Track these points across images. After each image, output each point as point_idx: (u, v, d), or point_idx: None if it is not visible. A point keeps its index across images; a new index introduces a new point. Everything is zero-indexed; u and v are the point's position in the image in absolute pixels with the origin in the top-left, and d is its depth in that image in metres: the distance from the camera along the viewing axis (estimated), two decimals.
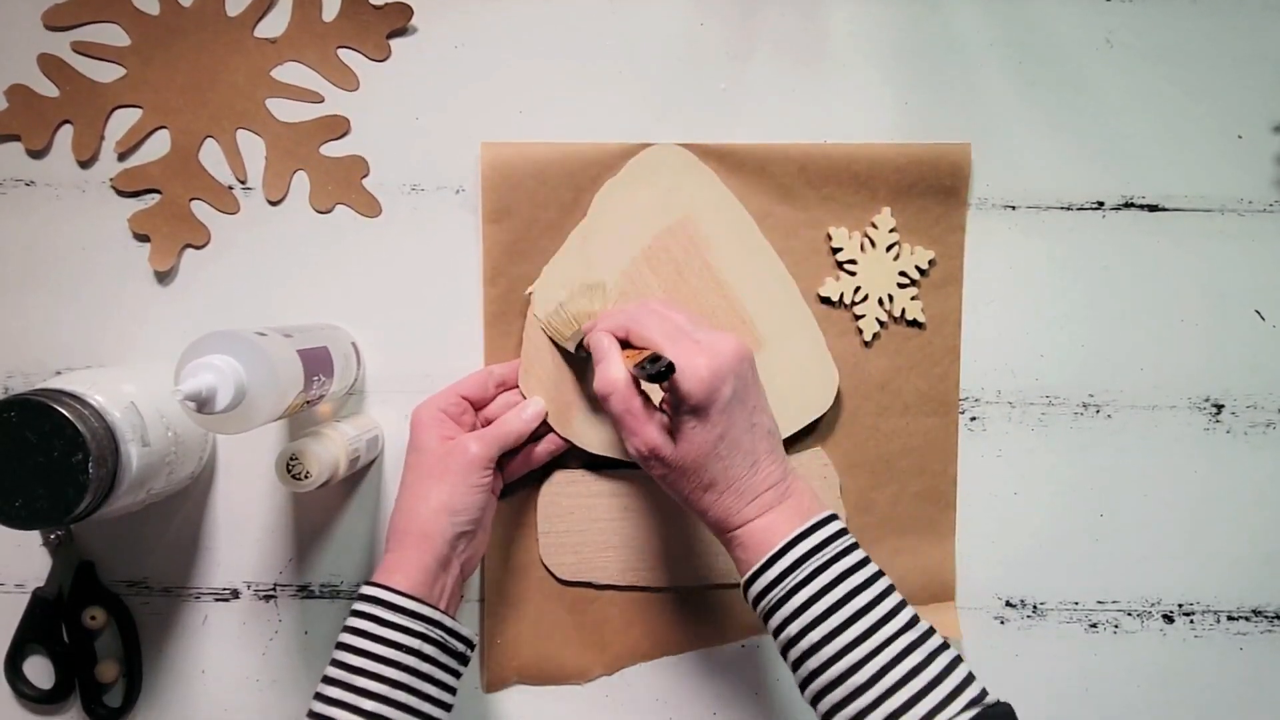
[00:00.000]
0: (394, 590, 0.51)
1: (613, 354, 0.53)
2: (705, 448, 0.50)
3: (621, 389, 0.52)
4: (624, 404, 0.52)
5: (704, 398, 0.49)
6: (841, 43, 0.64)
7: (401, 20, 0.63)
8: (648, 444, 0.51)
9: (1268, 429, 0.66)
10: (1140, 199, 0.65)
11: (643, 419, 0.51)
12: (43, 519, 0.49)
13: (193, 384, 0.46)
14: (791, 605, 0.48)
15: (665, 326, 0.52)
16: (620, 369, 0.52)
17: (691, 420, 0.50)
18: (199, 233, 0.63)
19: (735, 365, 0.50)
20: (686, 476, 0.51)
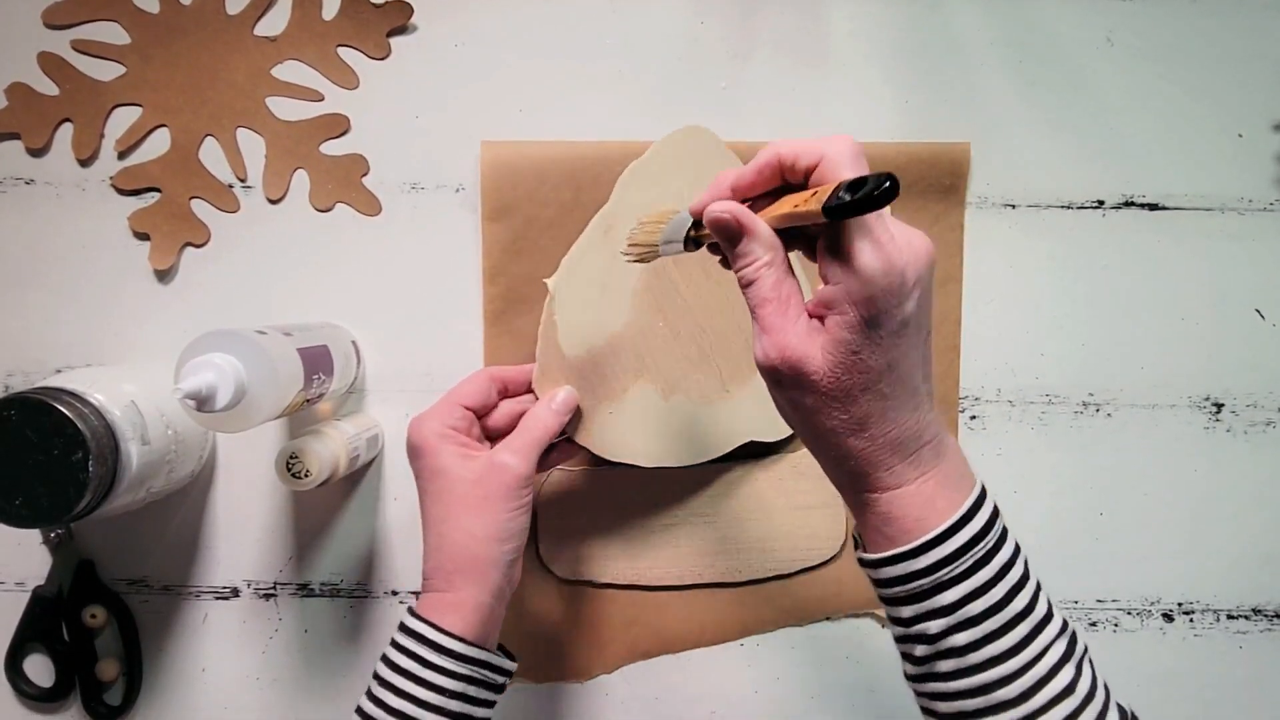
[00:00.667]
0: (447, 634, 0.49)
1: (754, 221, 0.40)
2: (868, 377, 0.38)
3: (774, 268, 0.39)
4: (771, 288, 0.39)
5: (885, 301, 0.37)
6: (841, 42, 0.64)
7: (401, 19, 0.63)
8: (788, 355, 0.38)
9: (1267, 428, 0.66)
10: (1140, 198, 0.65)
11: (791, 317, 0.39)
12: (43, 517, 0.49)
13: (193, 382, 0.46)
14: (940, 600, 0.39)
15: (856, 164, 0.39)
16: (772, 240, 0.39)
17: (857, 336, 0.37)
18: (199, 231, 0.63)
19: (926, 272, 0.38)
20: (829, 409, 0.39)
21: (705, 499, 0.64)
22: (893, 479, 0.40)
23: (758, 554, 0.64)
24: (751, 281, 0.40)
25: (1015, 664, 0.39)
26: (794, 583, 0.65)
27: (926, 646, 0.41)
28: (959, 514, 0.40)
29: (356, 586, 0.65)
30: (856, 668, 0.66)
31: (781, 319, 0.39)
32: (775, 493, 0.64)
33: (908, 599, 0.41)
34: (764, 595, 0.65)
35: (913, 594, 0.40)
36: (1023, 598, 0.40)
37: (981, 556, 0.40)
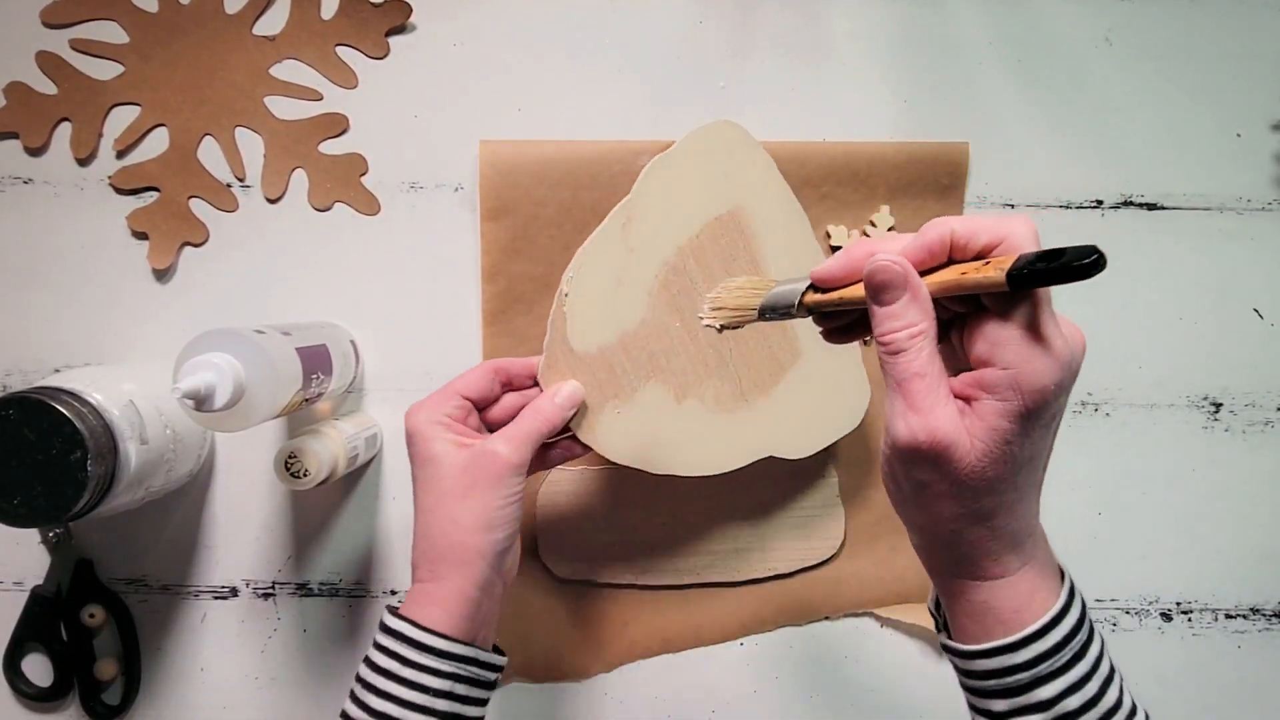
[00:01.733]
0: (428, 630, 0.46)
1: (919, 286, 0.36)
2: (1013, 466, 0.36)
3: (926, 342, 0.36)
4: (923, 364, 0.36)
5: (1051, 399, 0.35)
6: (841, 41, 0.64)
7: (400, 18, 0.63)
8: (936, 436, 0.35)
9: (1266, 427, 0.66)
10: (1139, 197, 0.65)
11: (941, 396, 0.36)
12: (41, 517, 0.49)
13: (191, 382, 0.46)
14: (1038, 695, 0.38)
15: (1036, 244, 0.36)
16: (930, 313, 0.36)
17: (1018, 422, 0.35)
18: (197, 231, 0.63)
19: (1077, 369, 0.36)
20: (963, 494, 0.36)
21: (704, 499, 0.64)
22: (998, 569, 0.39)
23: (757, 554, 0.64)
24: (902, 350, 0.36)
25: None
26: (793, 582, 0.65)
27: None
28: (1058, 608, 0.38)
29: (355, 586, 0.65)
30: (856, 667, 0.66)
31: (933, 398, 0.36)
32: (775, 493, 0.64)
33: (1002, 693, 0.39)
34: (764, 595, 0.65)
35: (1009, 689, 0.39)
36: (1113, 692, 0.39)
37: (1078, 650, 0.38)
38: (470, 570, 0.48)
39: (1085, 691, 0.38)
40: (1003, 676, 0.38)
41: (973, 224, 0.36)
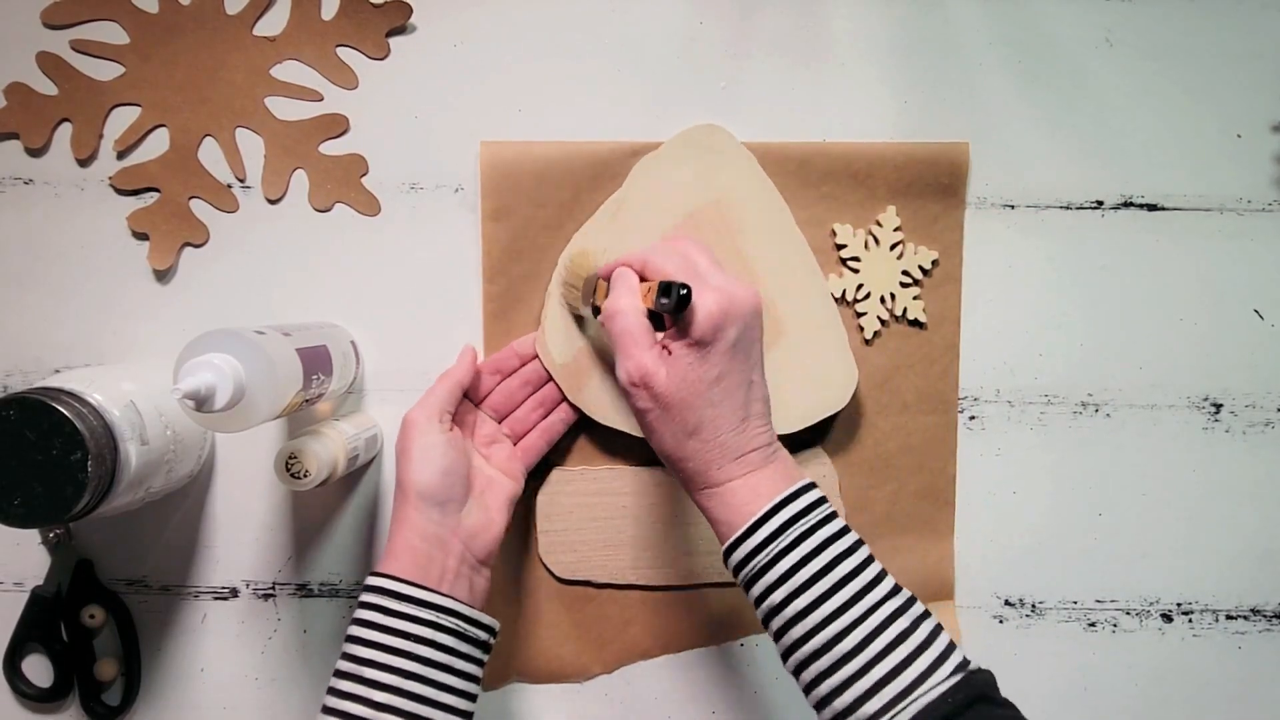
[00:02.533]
0: (394, 578, 0.50)
1: (628, 281, 0.52)
2: (699, 386, 0.49)
3: (628, 311, 0.50)
4: (626, 324, 0.50)
5: (709, 332, 0.48)
6: (840, 41, 0.64)
7: (400, 18, 0.63)
8: (641, 369, 0.49)
9: (1266, 428, 0.66)
10: (1139, 198, 0.65)
11: (642, 343, 0.50)
12: (41, 517, 0.49)
13: (191, 382, 0.46)
14: (774, 573, 0.47)
15: (682, 263, 0.51)
16: (632, 296, 0.51)
17: (690, 354, 0.49)
18: (198, 231, 0.63)
19: (746, 313, 0.49)
20: (672, 414, 0.49)
21: None
22: (722, 475, 0.49)
23: None
24: (613, 315, 0.51)
25: (848, 619, 0.46)
26: None
27: (779, 618, 0.47)
28: (780, 497, 0.48)
29: (355, 586, 0.65)
30: None
31: (634, 346, 0.50)
32: None
33: (754, 579, 0.48)
34: None
35: (754, 574, 0.48)
36: (849, 563, 0.47)
37: (806, 530, 0.47)
38: (408, 522, 0.52)
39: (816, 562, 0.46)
40: (749, 562, 0.48)
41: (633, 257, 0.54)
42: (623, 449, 0.64)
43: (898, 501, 0.65)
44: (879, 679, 0.44)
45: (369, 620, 0.50)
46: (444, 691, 0.49)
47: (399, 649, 0.49)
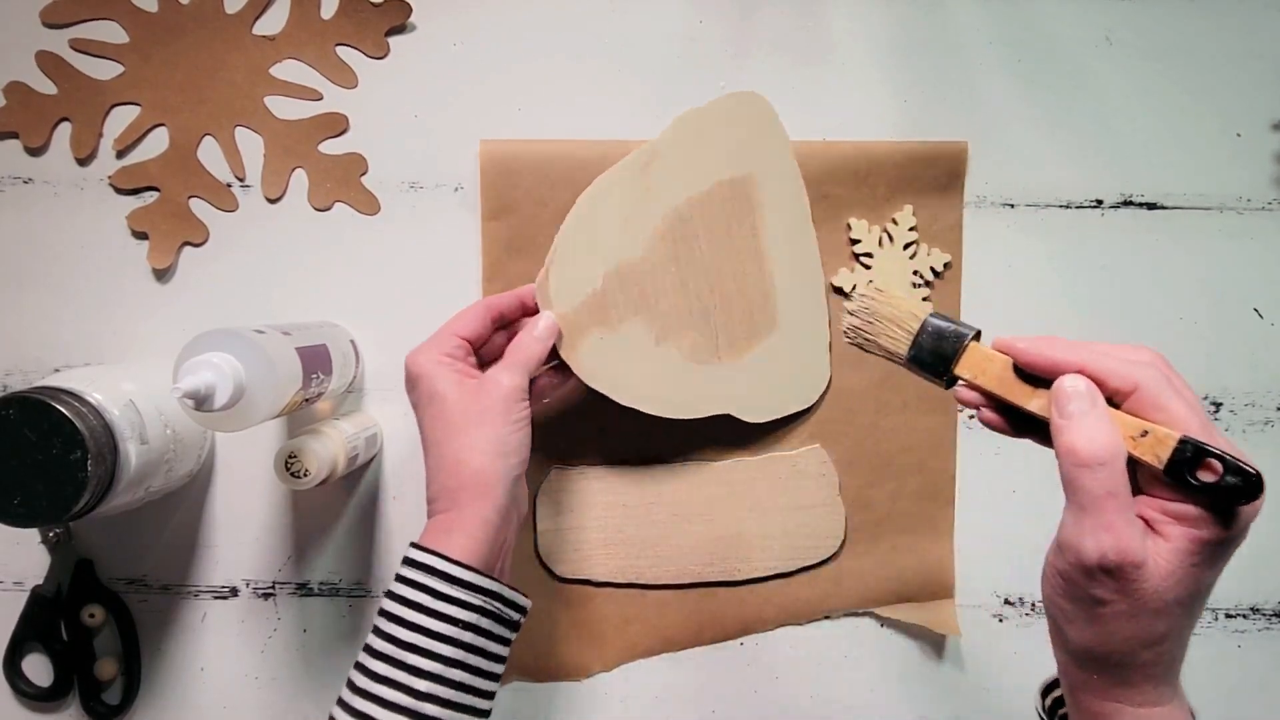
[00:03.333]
0: (453, 561, 0.47)
1: (1099, 405, 0.38)
2: (1190, 592, 0.37)
3: (1118, 462, 0.37)
4: (1113, 484, 0.36)
5: (1242, 530, 0.37)
6: (840, 41, 0.64)
7: (400, 18, 0.63)
8: (1124, 554, 0.36)
9: (1266, 427, 0.66)
10: (1139, 197, 0.65)
11: (1130, 517, 0.37)
12: (41, 517, 0.49)
13: (191, 382, 0.46)
14: None
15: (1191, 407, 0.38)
16: (1116, 433, 0.37)
17: (1203, 551, 0.36)
18: (197, 230, 0.63)
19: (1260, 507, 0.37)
20: (1139, 619, 0.37)
21: (704, 498, 0.64)
22: (1154, 697, 0.39)
23: (757, 553, 0.64)
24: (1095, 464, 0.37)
25: None
26: (793, 581, 0.65)
27: None
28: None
29: (355, 586, 0.65)
30: (856, 667, 0.66)
31: (1124, 517, 0.36)
32: (774, 492, 0.64)
33: None
34: (763, 594, 0.65)
35: None
36: None
37: None
38: (491, 496, 0.50)
39: None
40: None
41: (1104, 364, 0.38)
42: (623, 448, 0.64)
43: (898, 500, 0.65)
44: None
45: (416, 602, 0.47)
46: (481, 677, 0.48)
47: (446, 635, 0.46)
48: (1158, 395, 0.37)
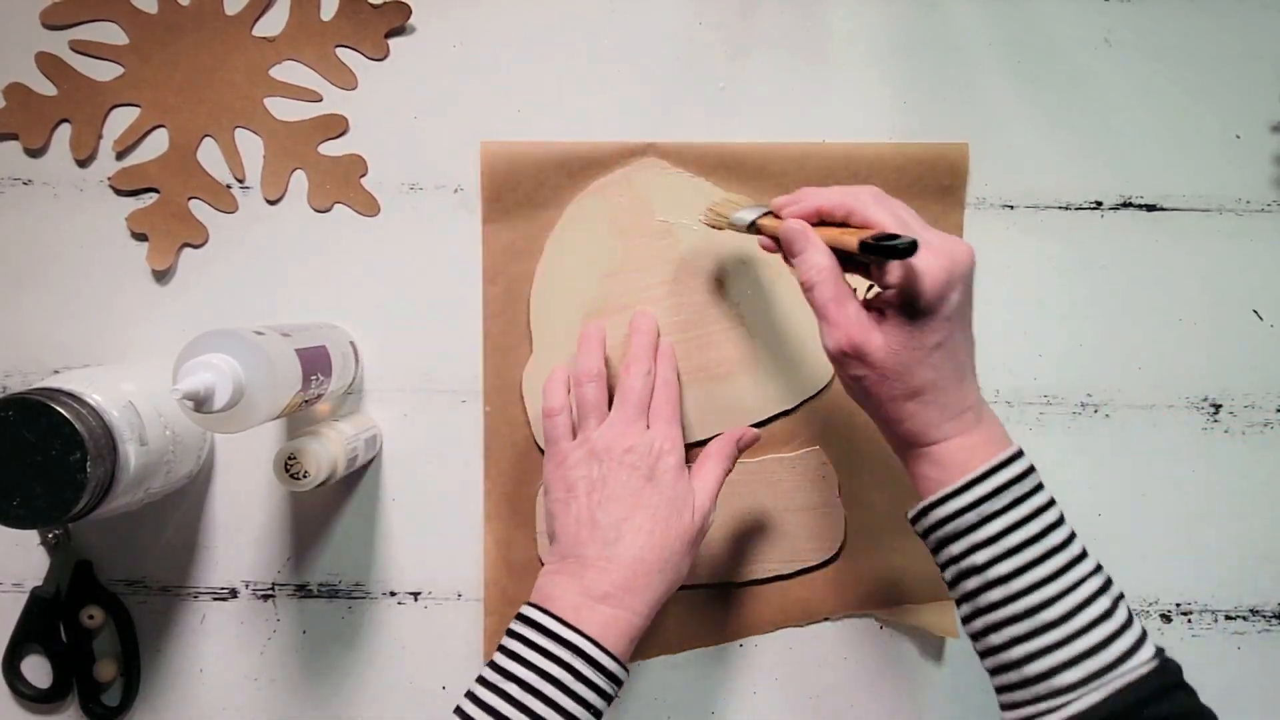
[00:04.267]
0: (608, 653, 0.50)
1: (816, 242, 0.49)
2: (920, 354, 0.46)
3: (829, 276, 0.47)
4: (830, 293, 0.47)
5: (934, 301, 0.45)
6: (840, 41, 0.64)
7: (400, 19, 0.63)
8: (851, 340, 0.46)
9: (1265, 428, 0.66)
10: (1138, 198, 0.65)
11: (849, 310, 0.47)
12: (41, 518, 0.49)
13: (190, 383, 0.46)
14: (982, 534, 0.46)
15: (893, 216, 0.47)
16: (827, 254, 0.48)
17: (911, 323, 0.46)
18: (197, 231, 0.63)
19: (967, 271, 0.46)
20: (889, 381, 0.47)
21: None
22: (940, 434, 0.48)
23: (757, 554, 0.64)
24: (814, 284, 0.48)
25: (1055, 588, 0.45)
26: (794, 583, 0.65)
27: (977, 578, 0.46)
28: (998, 459, 0.47)
29: (355, 587, 0.65)
30: (856, 668, 0.66)
31: (844, 314, 0.47)
32: (774, 494, 0.64)
33: (957, 536, 0.47)
34: (764, 596, 0.65)
35: (961, 530, 0.47)
36: (1058, 534, 0.46)
37: (1020, 496, 0.46)
38: (656, 608, 0.53)
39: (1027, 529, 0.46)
40: (956, 519, 0.47)
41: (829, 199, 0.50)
42: None
43: (898, 501, 0.65)
44: (1081, 651, 0.44)
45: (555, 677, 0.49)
46: None
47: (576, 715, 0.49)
48: (865, 211, 0.48)
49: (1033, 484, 0.47)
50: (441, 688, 0.65)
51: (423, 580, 0.65)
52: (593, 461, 0.55)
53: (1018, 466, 0.47)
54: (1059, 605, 0.45)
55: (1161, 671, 0.44)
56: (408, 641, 0.65)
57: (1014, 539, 0.46)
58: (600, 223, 0.63)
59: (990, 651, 0.47)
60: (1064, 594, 0.45)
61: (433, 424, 0.64)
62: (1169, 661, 0.45)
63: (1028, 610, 0.45)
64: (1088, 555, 0.47)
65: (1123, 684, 0.43)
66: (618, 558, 0.52)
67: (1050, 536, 0.46)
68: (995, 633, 0.46)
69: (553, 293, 0.63)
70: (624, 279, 0.63)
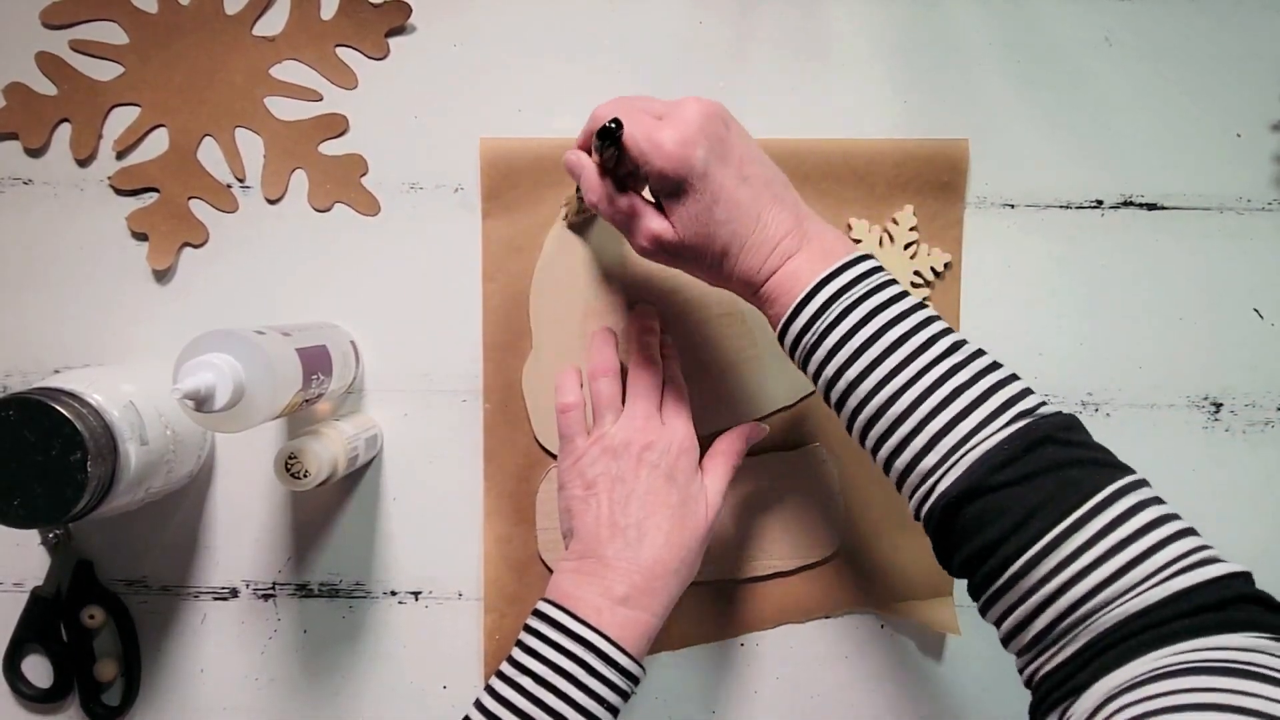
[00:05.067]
0: (626, 654, 0.51)
1: (586, 164, 0.52)
2: (702, 217, 0.48)
3: (604, 191, 0.50)
4: (614, 206, 0.50)
5: (678, 169, 0.47)
6: (840, 40, 0.64)
7: (400, 18, 0.63)
8: (649, 234, 0.49)
9: (1266, 427, 0.66)
10: (1139, 197, 0.65)
11: (638, 214, 0.50)
12: (41, 518, 0.49)
13: (191, 382, 0.46)
14: (826, 345, 0.46)
15: (621, 109, 0.49)
16: (595, 172, 0.51)
17: (678, 197, 0.48)
18: (197, 231, 0.63)
19: (702, 125, 0.47)
20: (698, 252, 0.49)
21: None
22: (765, 272, 0.48)
23: (757, 552, 0.64)
24: (598, 203, 0.51)
25: (899, 381, 0.45)
26: (794, 580, 0.65)
27: (834, 390, 0.47)
28: (823, 275, 0.47)
29: (355, 587, 0.65)
30: (856, 667, 0.66)
31: (631, 218, 0.50)
32: (775, 490, 0.64)
33: (807, 358, 0.48)
34: (764, 592, 0.65)
35: (808, 351, 0.48)
36: (900, 328, 0.45)
37: (853, 301, 0.46)
38: (671, 607, 0.53)
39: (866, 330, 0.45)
40: (800, 341, 0.48)
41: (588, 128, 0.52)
42: None
43: (897, 498, 0.64)
44: (934, 433, 0.44)
45: (573, 675, 0.49)
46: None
47: (592, 712, 0.49)
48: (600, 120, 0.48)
49: (870, 285, 0.47)
50: (442, 687, 0.65)
51: (423, 579, 0.65)
52: (611, 458, 0.55)
53: (848, 274, 0.47)
54: (906, 396, 0.44)
55: (1025, 431, 0.43)
56: (408, 641, 0.65)
57: (853, 344, 0.46)
58: (600, 219, 0.63)
59: (872, 455, 0.48)
60: (910, 383, 0.44)
61: (433, 423, 0.64)
62: (1043, 419, 0.43)
63: (880, 408, 0.45)
64: (944, 336, 0.46)
65: (980, 453, 0.43)
66: (638, 559, 0.52)
67: (891, 331, 0.45)
68: (866, 437, 0.47)
69: (552, 289, 0.63)
70: (623, 275, 0.63)
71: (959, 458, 0.43)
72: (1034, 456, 0.42)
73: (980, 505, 0.42)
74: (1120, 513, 0.41)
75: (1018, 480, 0.42)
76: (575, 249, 0.63)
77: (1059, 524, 0.41)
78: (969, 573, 0.44)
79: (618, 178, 0.51)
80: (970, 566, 0.44)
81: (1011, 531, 0.41)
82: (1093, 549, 0.40)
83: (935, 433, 0.44)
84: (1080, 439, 0.44)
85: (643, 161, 0.47)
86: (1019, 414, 0.43)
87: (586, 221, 0.62)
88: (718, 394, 0.63)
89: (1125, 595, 0.39)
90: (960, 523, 0.43)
